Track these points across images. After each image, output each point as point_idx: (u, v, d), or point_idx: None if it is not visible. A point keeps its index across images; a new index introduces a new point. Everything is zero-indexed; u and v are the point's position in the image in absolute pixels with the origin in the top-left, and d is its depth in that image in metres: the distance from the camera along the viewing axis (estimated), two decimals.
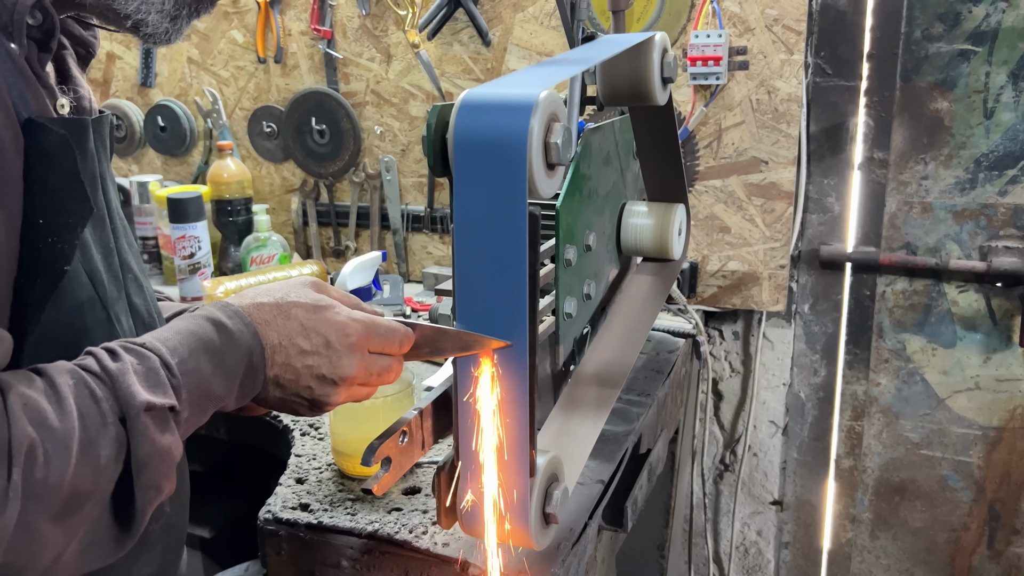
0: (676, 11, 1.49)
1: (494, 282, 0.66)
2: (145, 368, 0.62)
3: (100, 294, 0.71)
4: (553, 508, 0.72)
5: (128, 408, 0.60)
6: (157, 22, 0.71)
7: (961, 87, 1.42)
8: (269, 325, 0.70)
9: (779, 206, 1.52)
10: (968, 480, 1.59)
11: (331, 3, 1.73)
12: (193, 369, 0.65)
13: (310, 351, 0.71)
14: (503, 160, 0.62)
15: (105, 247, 0.74)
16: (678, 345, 1.44)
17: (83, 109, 0.77)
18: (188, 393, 0.64)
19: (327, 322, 0.72)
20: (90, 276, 0.70)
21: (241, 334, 0.68)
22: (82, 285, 0.69)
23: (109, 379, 0.61)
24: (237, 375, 0.68)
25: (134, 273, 0.79)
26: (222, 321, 0.68)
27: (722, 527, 1.80)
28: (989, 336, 1.52)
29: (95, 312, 0.71)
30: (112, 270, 0.75)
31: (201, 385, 0.65)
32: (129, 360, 0.62)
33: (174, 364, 0.64)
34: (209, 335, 0.67)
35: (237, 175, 1.79)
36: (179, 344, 0.65)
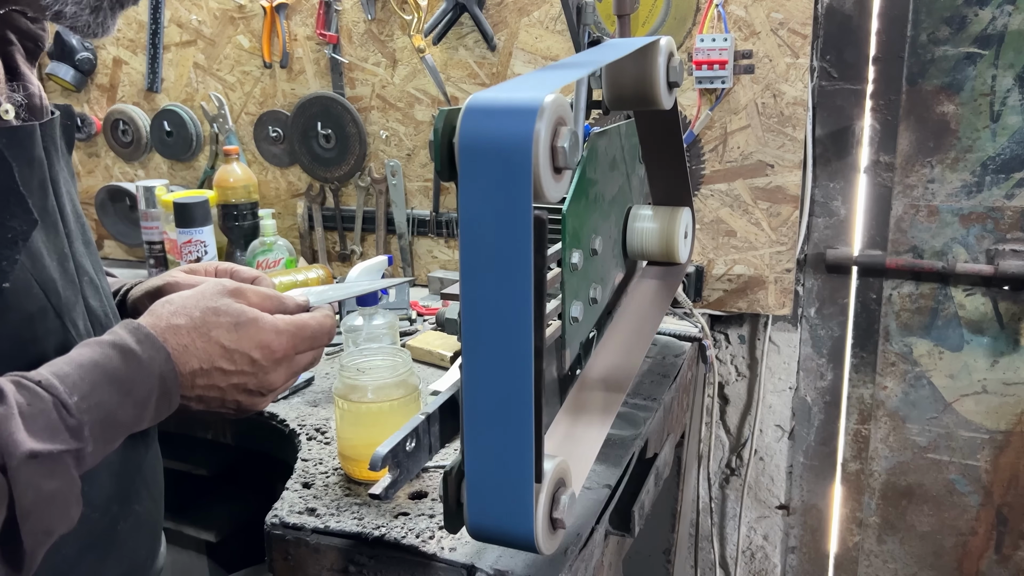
0: (681, 15, 1.49)
1: (501, 286, 0.66)
2: (36, 410, 0.59)
3: (53, 302, 0.69)
4: (560, 513, 0.72)
5: (8, 458, 0.56)
6: (75, 13, 0.68)
7: (967, 90, 1.42)
8: (188, 350, 0.69)
9: (785, 210, 1.51)
10: (975, 484, 1.59)
11: (337, 8, 1.73)
12: (96, 404, 0.62)
13: (234, 371, 0.71)
14: (509, 164, 0.62)
15: (59, 252, 0.72)
16: (684, 349, 1.44)
17: (34, 109, 0.73)
18: (91, 429, 0.62)
19: (250, 340, 0.72)
20: (42, 285, 0.68)
21: (152, 360, 0.67)
22: (32, 296, 0.67)
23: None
24: (148, 402, 0.66)
25: (90, 276, 0.77)
26: (130, 348, 0.66)
27: (728, 531, 1.79)
28: (996, 339, 1.51)
29: (47, 322, 0.68)
30: (67, 275, 0.72)
31: (107, 418, 0.63)
32: (17, 402, 0.59)
33: (72, 403, 0.61)
34: (114, 364, 0.65)
35: (243, 180, 1.79)
36: (79, 379, 0.62)
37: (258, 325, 0.73)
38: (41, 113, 0.74)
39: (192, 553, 1.56)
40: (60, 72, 1.97)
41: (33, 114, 0.73)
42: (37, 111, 0.73)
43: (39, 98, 0.74)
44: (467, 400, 0.69)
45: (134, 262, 2.09)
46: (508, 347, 0.67)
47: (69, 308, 0.71)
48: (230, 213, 1.78)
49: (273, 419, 1.19)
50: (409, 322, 1.56)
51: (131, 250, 2.10)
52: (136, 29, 1.94)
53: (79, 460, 0.61)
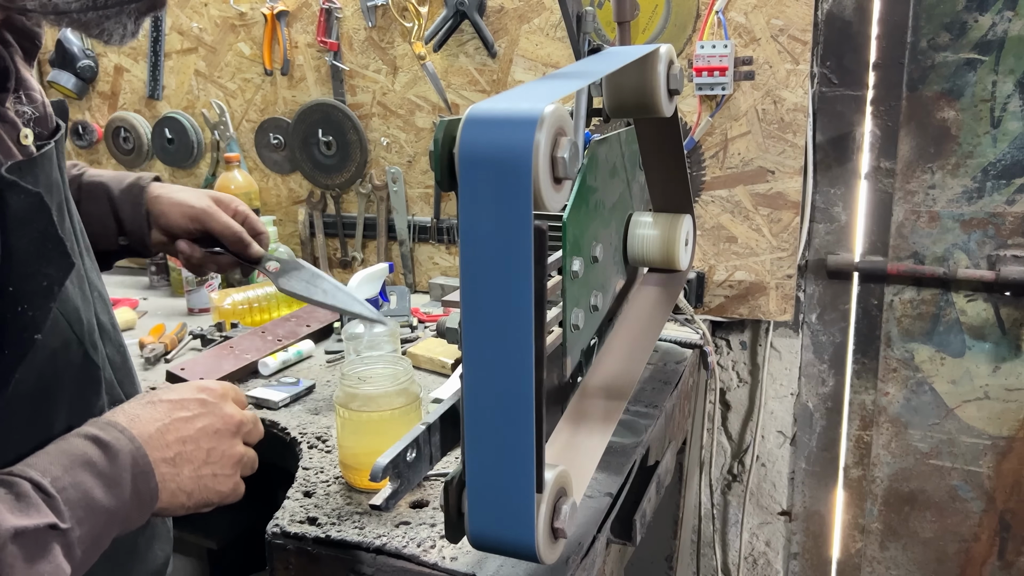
0: (681, 22, 1.49)
1: (501, 295, 0.66)
2: (13, 494, 0.58)
3: (76, 332, 0.68)
4: (562, 523, 0.72)
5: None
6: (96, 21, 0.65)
7: (968, 96, 1.42)
8: (141, 418, 0.69)
9: (786, 216, 1.51)
10: (978, 490, 1.59)
11: (337, 15, 1.73)
12: (71, 484, 0.61)
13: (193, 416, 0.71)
14: (509, 175, 0.62)
15: (79, 276, 0.71)
16: (685, 355, 1.44)
17: (42, 122, 0.71)
18: (71, 508, 0.60)
19: (188, 388, 0.74)
20: (68, 319, 0.67)
21: (118, 440, 0.65)
22: (58, 332, 0.66)
23: None
24: (123, 482, 0.64)
25: (98, 290, 0.77)
26: (95, 434, 0.65)
27: (730, 538, 1.79)
28: (998, 345, 1.51)
29: (69, 354, 0.68)
30: (85, 298, 0.72)
31: (84, 498, 0.61)
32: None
33: (46, 483, 0.59)
34: (83, 450, 0.63)
35: (244, 187, 1.79)
36: (49, 464, 0.61)
37: (185, 383, 0.76)
38: (47, 123, 0.72)
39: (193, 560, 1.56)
40: (61, 80, 1.98)
41: (40, 126, 0.70)
42: (43, 122, 0.71)
43: (43, 105, 0.72)
44: (468, 409, 0.69)
45: (135, 269, 2.09)
46: (509, 356, 0.66)
47: (89, 332, 0.71)
48: None
49: (274, 427, 1.19)
50: (410, 329, 1.56)
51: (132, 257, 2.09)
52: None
53: (67, 545, 0.59)
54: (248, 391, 1.27)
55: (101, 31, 0.66)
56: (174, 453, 0.69)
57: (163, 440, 0.69)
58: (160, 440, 0.69)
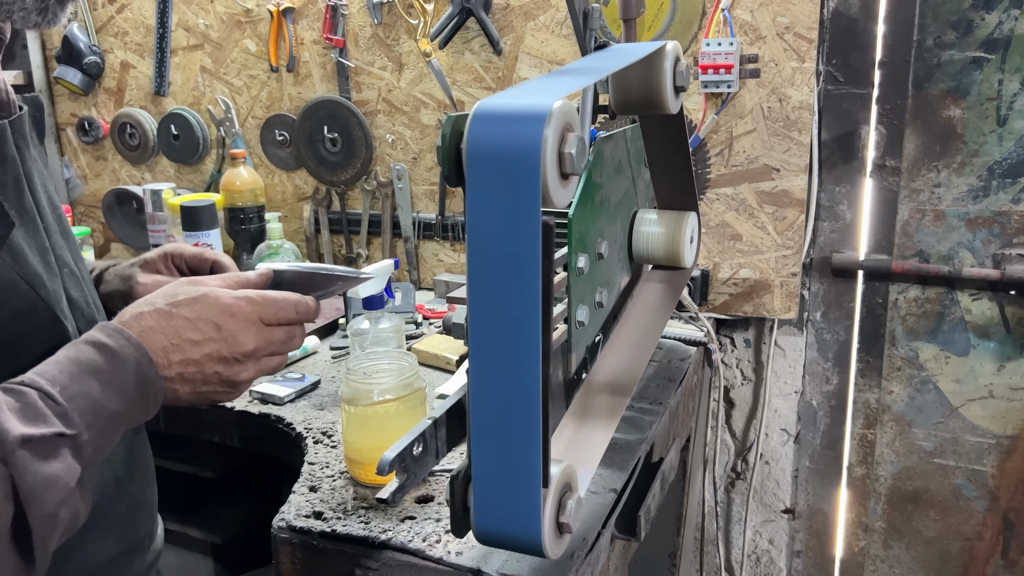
0: (687, 19, 1.49)
1: (508, 291, 0.66)
2: (22, 404, 0.62)
3: (42, 296, 0.71)
4: (567, 518, 0.72)
5: (2, 444, 0.59)
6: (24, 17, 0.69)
7: (974, 95, 1.42)
8: (153, 330, 0.72)
9: (791, 214, 1.51)
10: (982, 489, 1.58)
11: (343, 12, 1.74)
12: (79, 392, 0.65)
13: (202, 340, 0.73)
14: (517, 170, 0.63)
15: (40, 247, 0.73)
16: (690, 353, 1.44)
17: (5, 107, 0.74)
18: (80, 415, 0.64)
19: (210, 308, 0.75)
20: (28, 281, 0.70)
21: (123, 348, 0.69)
22: (19, 292, 0.69)
23: None
24: (129, 389, 0.68)
25: (70, 267, 0.78)
26: (102, 341, 0.69)
27: (734, 535, 1.79)
28: (1003, 344, 1.51)
29: (37, 316, 0.70)
30: (50, 269, 0.74)
31: (93, 405, 0.65)
32: (5, 400, 0.62)
33: (55, 392, 0.63)
34: (89, 357, 0.67)
35: (250, 183, 1.80)
36: (58, 373, 0.65)
37: (215, 294, 0.76)
38: (9, 108, 0.74)
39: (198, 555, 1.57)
40: (68, 76, 1.98)
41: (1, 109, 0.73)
42: (4, 106, 0.74)
43: (5, 92, 0.74)
44: (474, 404, 0.69)
45: None
46: (515, 352, 0.67)
47: (56, 300, 0.73)
48: (236, 216, 1.79)
49: (280, 422, 1.20)
50: (415, 325, 1.57)
51: (138, 253, 2.10)
52: (143, 33, 1.95)
53: (76, 448, 0.63)
54: (253, 387, 1.28)
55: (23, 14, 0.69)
56: (175, 373, 0.72)
57: (167, 359, 0.72)
58: (164, 359, 0.71)
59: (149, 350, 0.71)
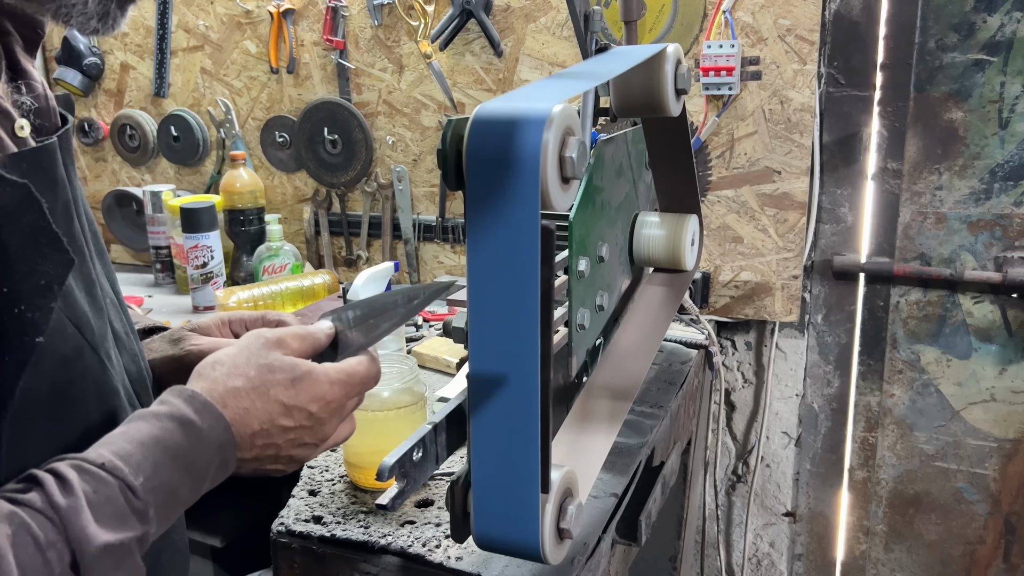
0: (688, 21, 1.49)
1: (508, 295, 0.66)
2: (103, 497, 0.55)
3: (88, 339, 0.63)
4: (567, 523, 0.72)
5: (82, 555, 0.53)
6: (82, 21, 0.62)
7: (976, 97, 1.42)
8: (248, 413, 0.66)
9: (792, 216, 1.51)
10: (983, 493, 1.58)
11: (344, 14, 1.73)
12: (160, 484, 0.59)
13: (293, 427, 0.68)
14: (517, 175, 0.62)
15: (87, 280, 0.66)
16: (690, 356, 1.44)
17: (42, 113, 0.66)
18: (157, 511, 0.58)
19: (307, 393, 0.69)
20: (76, 323, 0.62)
21: (212, 430, 0.63)
22: (66, 337, 0.61)
23: (59, 518, 0.53)
24: (206, 475, 0.62)
25: (111, 296, 0.72)
26: (190, 419, 0.62)
27: (735, 539, 1.79)
28: (1005, 347, 1.50)
29: (83, 361, 0.63)
30: (96, 303, 0.67)
31: (169, 498, 0.60)
32: (83, 490, 0.55)
33: (138, 485, 0.57)
34: (176, 440, 0.61)
35: (250, 185, 1.79)
36: (143, 458, 0.58)
37: (313, 377, 0.69)
38: (49, 116, 0.67)
39: (197, 558, 1.56)
40: (68, 77, 1.98)
41: (42, 118, 0.66)
42: (45, 115, 0.67)
43: (45, 98, 0.67)
44: (474, 409, 0.69)
45: (140, 266, 2.09)
46: (515, 355, 0.66)
47: (102, 339, 0.66)
48: (236, 218, 1.78)
49: None
50: (415, 328, 1.56)
51: (138, 255, 2.10)
52: (143, 34, 1.94)
53: (143, 544, 0.58)
54: None
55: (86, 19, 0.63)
56: (253, 455, 0.67)
57: (252, 443, 0.66)
58: (249, 442, 0.66)
59: (237, 435, 0.65)
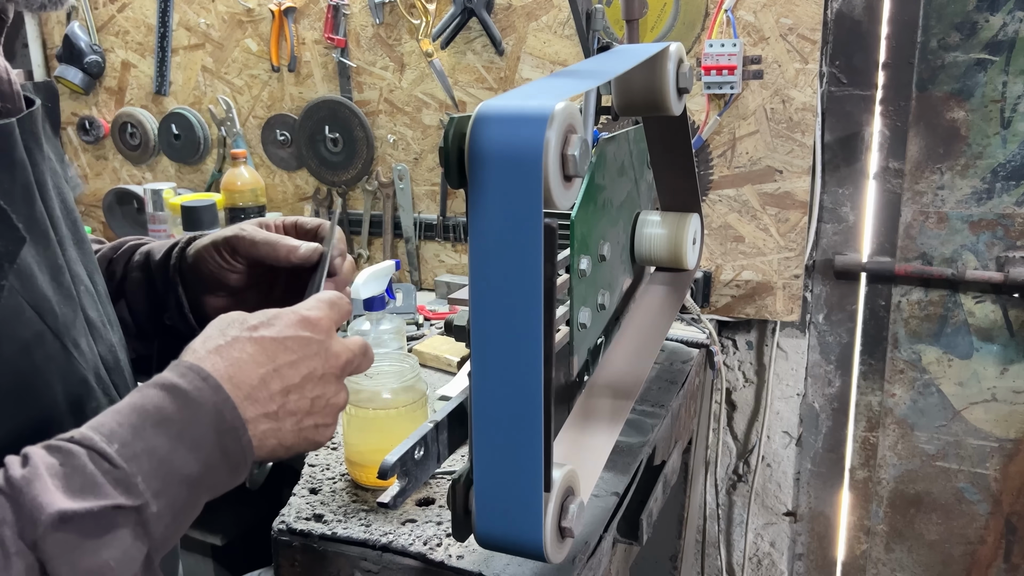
0: (690, 20, 1.48)
1: (510, 293, 0.65)
2: (68, 468, 0.49)
3: (50, 324, 0.59)
4: (569, 522, 0.72)
5: (32, 525, 0.46)
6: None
7: (978, 97, 1.41)
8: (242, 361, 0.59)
9: (793, 216, 1.51)
10: (985, 493, 1.58)
11: (345, 12, 1.73)
12: (143, 451, 0.51)
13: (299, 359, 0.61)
14: (520, 173, 0.62)
15: (52, 265, 0.62)
16: (692, 355, 1.43)
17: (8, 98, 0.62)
18: (146, 480, 0.51)
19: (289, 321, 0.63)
20: (36, 308, 0.58)
21: (200, 392, 0.55)
22: (24, 322, 0.57)
23: (13, 491, 0.47)
24: (207, 441, 0.54)
25: (85, 284, 0.68)
26: (173, 383, 0.55)
27: (735, 538, 1.78)
28: (1006, 347, 1.50)
29: (45, 347, 0.59)
30: (63, 289, 0.63)
31: (162, 466, 0.52)
32: (45, 463, 0.49)
33: (112, 451, 0.50)
34: (156, 403, 0.54)
35: (250, 183, 1.79)
36: (118, 425, 0.52)
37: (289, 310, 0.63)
38: (13, 99, 0.63)
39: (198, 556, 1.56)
40: (68, 75, 1.98)
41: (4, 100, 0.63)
42: (8, 97, 0.63)
43: (8, 83, 0.62)
44: (476, 408, 0.69)
45: None
46: (517, 355, 0.66)
47: (68, 327, 0.62)
48: (237, 216, 1.78)
49: None
50: (416, 326, 1.56)
51: None
52: (144, 32, 1.94)
53: (142, 523, 0.50)
54: None
55: None
56: (277, 406, 0.59)
57: (267, 391, 0.59)
58: (264, 391, 0.58)
59: (240, 388, 0.57)
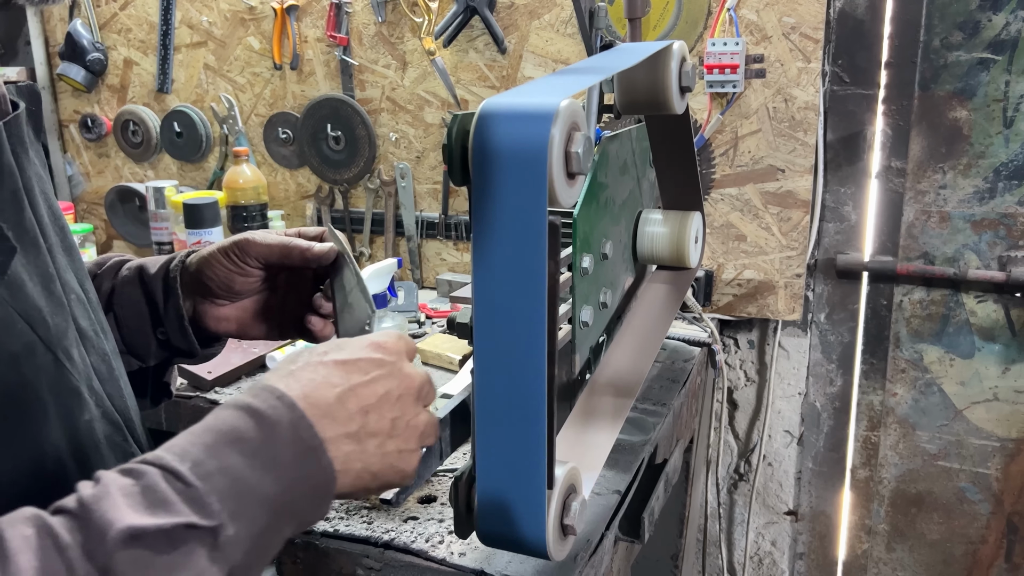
0: (693, 19, 1.48)
1: (513, 291, 0.66)
2: (139, 488, 0.47)
3: (41, 335, 0.58)
4: (571, 520, 0.72)
5: (99, 544, 0.44)
6: None
7: (980, 96, 1.41)
8: (315, 382, 0.57)
9: (795, 215, 1.51)
10: (986, 492, 1.58)
11: (347, 10, 1.73)
12: (217, 470, 0.49)
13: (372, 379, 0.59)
14: (523, 170, 0.62)
15: (43, 273, 0.60)
16: (693, 354, 1.43)
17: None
18: (221, 500, 0.48)
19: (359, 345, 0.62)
20: (26, 318, 0.56)
21: (275, 410, 0.53)
22: (15, 333, 0.55)
23: (82, 510, 0.45)
24: (285, 460, 0.52)
25: (76, 293, 0.66)
26: (247, 403, 0.54)
27: (736, 537, 1.78)
28: (1008, 347, 1.50)
29: (36, 358, 0.57)
30: (54, 298, 0.61)
31: (237, 486, 0.49)
32: (117, 483, 0.47)
33: (184, 470, 0.48)
34: (232, 423, 0.52)
35: (252, 181, 1.79)
36: (190, 444, 0.50)
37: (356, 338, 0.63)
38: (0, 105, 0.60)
39: None
40: (71, 72, 1.98)
41: None
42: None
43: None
44: (478, 405, 0.69)
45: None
46: (520, 352, 0.66)
47: (60, 337, 0.60)
48: (239, 214, 1.78)
49: None
50: (418, 325, 1.56)
51: (140, 251, 2.10)
52: (147, 30, 1.94)
53: (216, 546, 0.47)
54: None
55: None
56: (357, 426, 0.57)
57: (345, 411, 0.56)
58: (342, 411, 0.56)
59: (316, 407, 0.55)
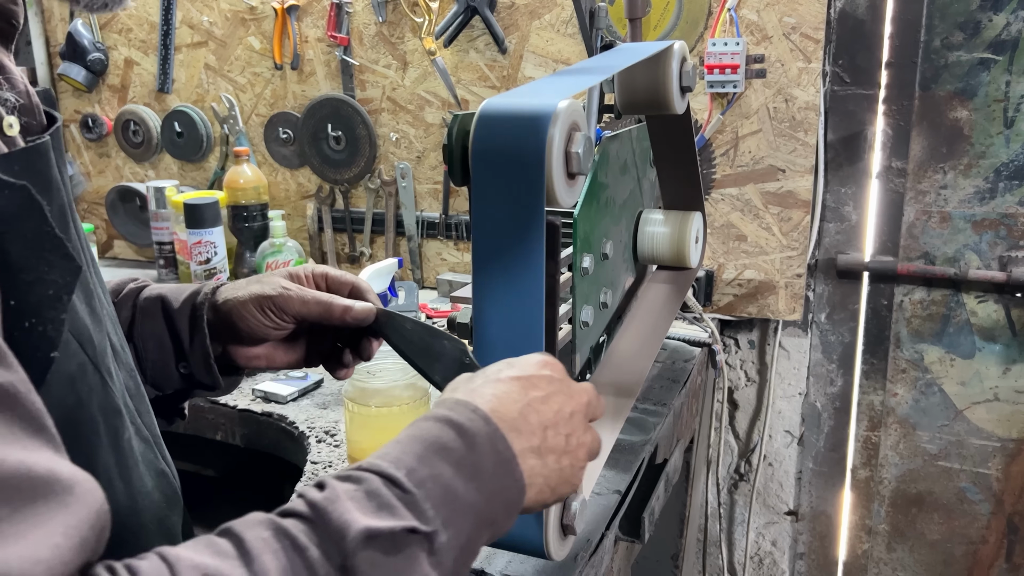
0: (693, 19, 1.48)
1: (513, 291, 0.66)
2: (363, 492, 0.49)
3: (90, 355, 0.57)
4: (571, 519, 0.72)
5: (341, 541, 0.46)
6: None
7: (981, 96, 1.41)
8: (499, 398, 0.58)
9: (796, 215, 1.51)
10: (986, 492, 1.58)
11: (348, 10, 1.73)
12: (428, 477, 0.51)
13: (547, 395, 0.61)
14: (523, 170, 0.62)
15: (86, 291, 0.58)
16: (694, 354, 1.43)
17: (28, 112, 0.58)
18: (435, 507, 0.50)
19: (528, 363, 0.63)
20: (79, 338, 0.55)
21: (471, 423, 0.55)
22: (70, 354, 0.54)
23: (316, 514, 0.48)
24: (485, 471, 0.54)
25: (107, 307, 0.65)
26: (445, 415, 0.55)
27: (737, 537, 1.78)
28: (1008, 347, 1.50)
29: (87, 379, 0.56)
30: (95, 315, 0.60)
31: (447, 493, 0.51)
32: (340, 488, 0.49)
33: (401, 476, 0.50)
34: (436, 433, 0.54)
35: (253, 181, 1.79)
36: (402, 453, 0.52)
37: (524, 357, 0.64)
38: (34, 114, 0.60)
39: None
40: (72, 72, 1.98)
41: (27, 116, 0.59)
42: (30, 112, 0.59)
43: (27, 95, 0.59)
44: None
45: (144, 262, 2.09)
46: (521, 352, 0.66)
47: (103, 355, 0.59)
48: (240, 214, 1.78)
49: (282, 421, 1.19)
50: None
51: (141, 250, 2.10)
52: (147, 30, 1.94)
53: (433, 551, 0.49)
54: (256, 385, 1.27)
55: None
56: (539, 440, 0.58)
57: (528, 425, 0.58)
58: (525, 425, 0.58)
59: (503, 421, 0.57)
